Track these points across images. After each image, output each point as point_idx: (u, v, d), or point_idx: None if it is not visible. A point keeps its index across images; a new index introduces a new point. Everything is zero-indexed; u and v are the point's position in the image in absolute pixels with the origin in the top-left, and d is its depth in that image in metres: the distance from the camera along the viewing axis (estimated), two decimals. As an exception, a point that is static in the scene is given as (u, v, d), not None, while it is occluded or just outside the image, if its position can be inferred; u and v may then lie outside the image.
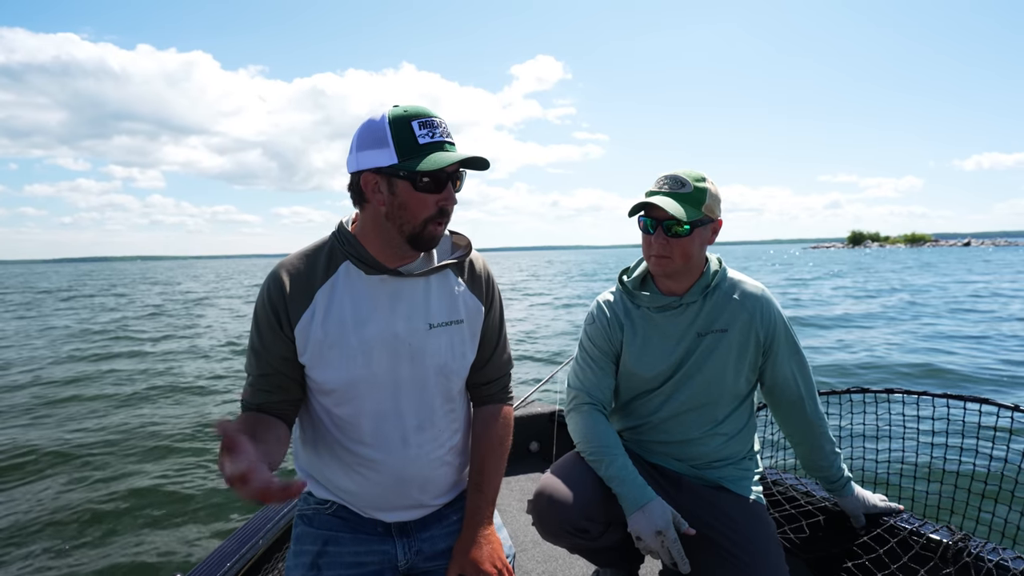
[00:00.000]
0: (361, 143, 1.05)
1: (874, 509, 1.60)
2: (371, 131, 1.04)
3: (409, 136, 1.03)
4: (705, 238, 1.41)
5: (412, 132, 1.03)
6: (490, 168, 1.10)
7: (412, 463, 1.15)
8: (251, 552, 1.57)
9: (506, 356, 1.31)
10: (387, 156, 1.03)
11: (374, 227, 1.10)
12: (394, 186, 1.05)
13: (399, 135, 1.02)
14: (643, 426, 1.52)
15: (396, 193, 1.05)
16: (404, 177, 1.03)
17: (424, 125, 1.03)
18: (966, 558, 1.43)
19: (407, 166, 1.02)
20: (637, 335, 1.48)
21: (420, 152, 1.03)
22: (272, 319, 1.08)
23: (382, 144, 1.03)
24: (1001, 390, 6.37)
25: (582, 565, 1.87)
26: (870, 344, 9.31)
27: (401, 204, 1.05)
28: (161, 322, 15.43)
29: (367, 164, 1.05)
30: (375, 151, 1.04)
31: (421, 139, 1.03)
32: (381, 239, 1.11)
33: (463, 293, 1.20)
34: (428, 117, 1.04)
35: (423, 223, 1.07)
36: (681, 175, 1.37)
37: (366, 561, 1.17)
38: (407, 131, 1.03)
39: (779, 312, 1.46)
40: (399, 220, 1.07)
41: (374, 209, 1.08)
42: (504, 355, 1.30)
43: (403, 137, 1.02)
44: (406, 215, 1.06)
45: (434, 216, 1.07)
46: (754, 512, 1.41)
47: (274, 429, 1.08)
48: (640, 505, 1.32)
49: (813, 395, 1.49)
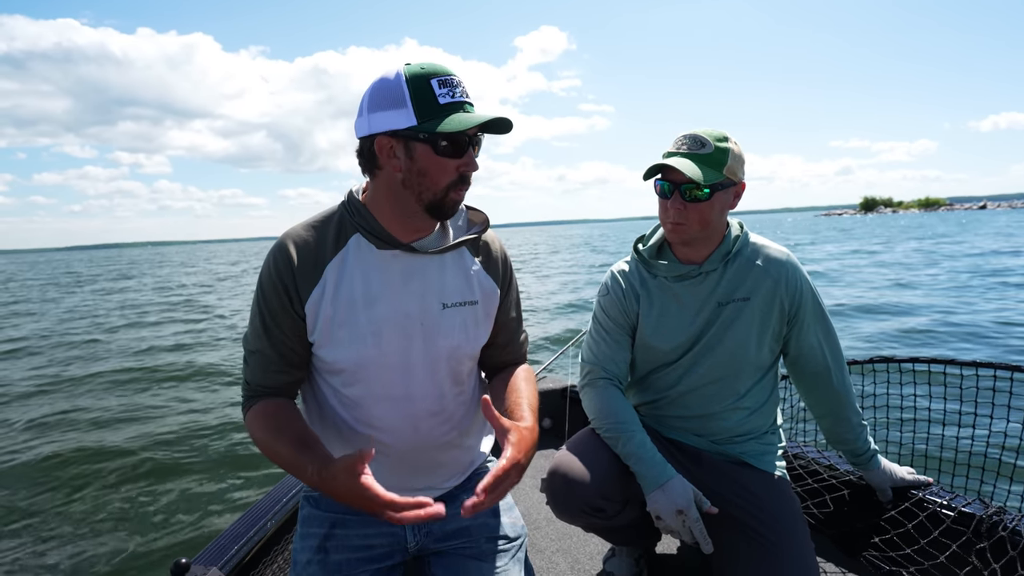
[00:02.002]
0: (374, 104, 0.96)
1: (902, 482, 1.54)
2: (386, 90, 0.95)
3: (429, 95, 0.93)
4: (726, 203, 1.32)
5: (432, 91, 0.94)
6: (512, 131, 1.01)
7: (422, 446, 1.11)
8: (259, 534, 1.54)
9: (524, 336, 1.27)
10: (405, 117, 0.94)
11: (388, 196, 1.02)
12: (412, 150, 0.96)
13: (417, 94, 0.93)
14: (661, 400, 1.46)
15: (415, 158, 0.96)
16: (424, 140, 0.95)
17: (444, 84, 0.94)
18: (1001, 532, 1.37)
19: (427, 128, 0.93)
20: (654, 306, 1.41)
21: (440, 113, 0.94)
22: (282, 295, 1.01)
23: (399, 104, 0.94)
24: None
25: (597, 543, 1.84)
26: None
27: (420, 170, 0.97)
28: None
29: (382, 126, 0.95)
30: (391, 112, 0.94)
31: (441, 99, 0.94)
32: (395, 209, 1.02)
33: (478, 273, 1.13)
34: (448, 75, 0.95)
35: (444, 190, 0.99)
36: (701, 134, 1.28)
37: (375, 544, 1.14)
38: (426, 90, 0.94)
39: (805, 277, 1.38)
40: (418, 187, 0.98)
41: (388, 176, 0.99)
42: (522, 336, 1.26)
43: (422, 96, 0.93)
44: (425, 181, 0.98)
45: (455, 182, 0.99)
46: (779, 488, 1.35)
47: (301, 416, 1.04)
48: (660, 483, 1.26)
49: (840, 365, 1.42)
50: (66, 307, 16.20)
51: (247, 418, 1.05)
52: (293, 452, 0.93)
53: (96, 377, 7.28)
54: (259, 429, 1.01)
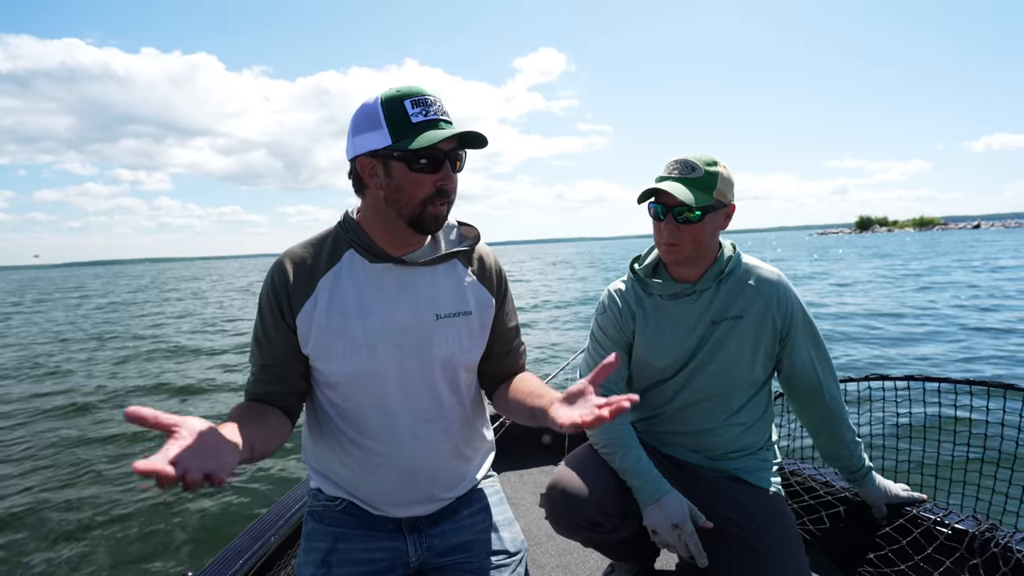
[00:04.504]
0: (356, 128, 1.03)
1: (896, 499, 1.56)
2: (365, 114, 1.02)
3: (402, 115, 0.99)
4: (717, 224, 1.37)
5: (405, 111, 0.99)
6: (487, 145, 1.05)
7: (421, 456, 1.13)
8: (263, 549, 1.56)
9: (522, 347, 1.29)
10: (381, 138, 1.00)
11: (376, 213, 1.08)
12: (390, 168, 1.02)
13: (391, 115, 0.99)
14: (657, 417, 1.49)
15: (392, 175, 1.02)
16: (399, 158, 1.01)
17: (417, 104, 1.00)
18: (993, 548, 1.39)
19: (400, 145, 0.99)
20: (649, 324, 1.44)
21: (413, 131, 0.99)
22: (275, 308, 1.07)
23: (376, 126, 1.00)
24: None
25: (596, 559, 1.85)
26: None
27: (397, 186, 1.03)
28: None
29: (362, 148, 1.02)
30: (369, 134, 1.01)
31: (414, 118, 1.00)
32: (384, 225, 1.08)
33: (472, 284, 1.17)
34: (421, 95, 1.01)
35: (422, 204, 1.03)
36: (691, 159, 1.33)
37: (377, 558, 1.15)
38: (399, 111, 0.99)
39: (796, 297, 1.41)
40: (397, 203, 1.04)
41: (374, 194, 1.06)
42: (521, 346, 1.29)
43: (396, 117, 0.99)
44: (403, 197, 1.03)
45: (432, 196, 1.03)
46: (773, 504, 1.38)
47: (266, 415, 1.05)
48: (656, 498, 1.29)
49: (833, 382, 1.45)
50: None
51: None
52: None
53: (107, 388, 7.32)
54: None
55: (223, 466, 0.71)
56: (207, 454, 0.71)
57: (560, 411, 0.88)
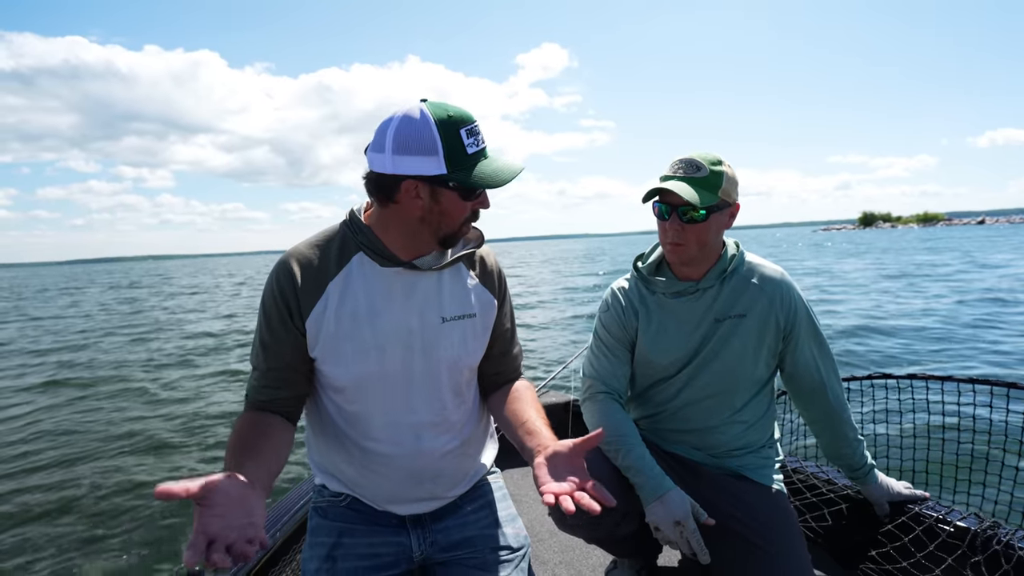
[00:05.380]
0: (402, 146, 0.97)
1: (898, 497, 1.56)
2: (415, 135, 0.97)
3: (458, 145, 0.97)
4: (722, 223, 1.37)
5: (461, 141, 0.98)
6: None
7: (424, 457, 1.14)
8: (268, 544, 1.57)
9: (518, 349, 1.30)
10: (435, 165, 0.97)
11: (399, 225, 1.06)
12: (438, 195, 1.01)
13: (448, 143, 0.97)
14: (660, 414, 1.49)
15: (440, 201, 1.02)
16: (452, 188, 1.00)
17: (471, 133, 0.99)
18: (995, 546, 1.39)
19: (459, 179, 0.98)
20: (652, 322, 1.45)
21: (468, 162, 0.99)
22: (283, 311, 1.05)
23: (430, 152, 0.96)
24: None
25: (599, 555, 1.86)
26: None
27: (442, 211, 1.03)
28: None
29: (411, 170, 0.98)
30: (421, 158, 0.97)
31: (469, 148, 0.99)
32: (404, 236, 1.07)
33: (475, 287, 1.18)
34: (473, 123, 1.00)
35: (459, 225, 1.06)
36: (696, 158, 1.33)
37: (381, 552, 1.16)
38: (456, 139, 0.97)
39: (800, 296, 1.42)
40: (436, 225, 1.04)
41: (405, 210, 1.03)
42: (517, 348, 1.29)
43: (452, 146, 0.97)
44: (444, 220, 1.04)
45: (469, 218, 1.07)
46: (776, 501, 1.38)
47: (280, 435, 1.04)
48: (658, 495, 1.29)
49: (836, 380, 1.45)
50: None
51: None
52: (229, 454, 0.96)
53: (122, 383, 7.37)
54: (232, 436, 1.03)
55: (256, 526, 0.77)
56: (239, 517, 0.76)
57: (542, 474, 0.93)
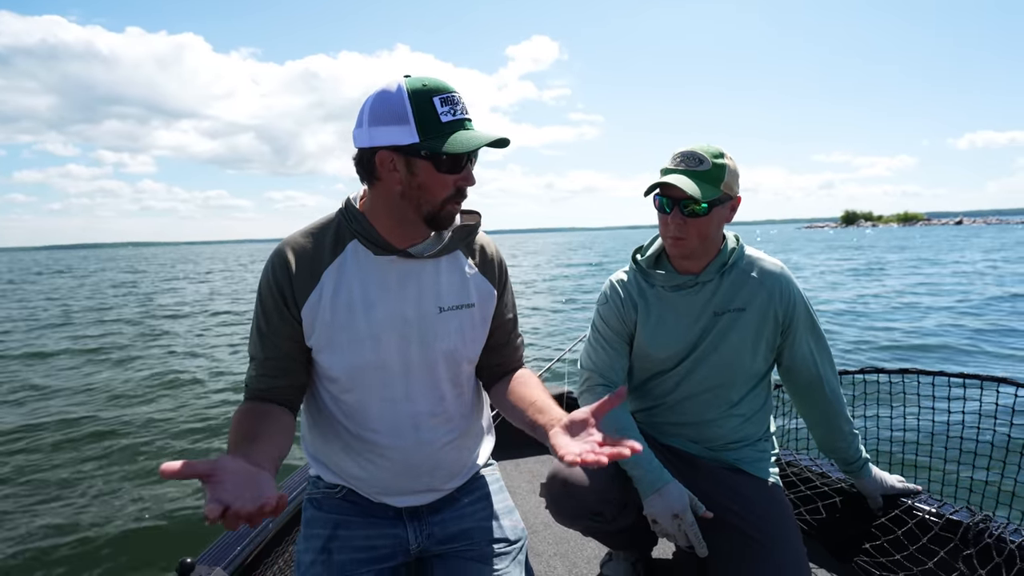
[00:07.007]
0: (375, 117, 0.97)
1: (892, 490, 1.58)
2: (388, 105, 0.96)
3: (431, 113, 0.95)
4: (723, 216, 1.36)
5: (434, 109, 0.96)
6: (508, 146, 1.03)
7: (422, 448, 1.13)
8: (260, 536, 1.56)
9: (520, 339, 1.29)
10: (407, 134, 0.96)
11: (385, 205, 1.04)
12: (413, 166, 0.99)
13: (420, 111, 0.95)
14: (658, 407, 1.49)
15: (415, 173, 0.99)
16: (425, 157, 0.97)
17: (446, 102, 0.97)
18: (987, 539, 1.41)
19: (430, 146, 0.96)
20: (651, 315, 1.44)
21: (442, 131, 0.96)
22: (278, 299, 1.04)
23: (401, 120, 0.95)
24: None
25: (594, 547, 1.86)
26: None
27: (420, 184, 1.00)
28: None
29: (384, 141, 0.97)
30: (393, 127, 0.96)
31: (443, 117, 0.96)
32: (393, 218, 1.05)
33: (474, 276, 1.16)
34: (449, 92, 0.98)
35: (442, 203, 1.02)
36: (698, 151, 1.31)
37: (377, 545, 1.15)
38: (429, 107, 0.96)
39: (799, 290, 1.42)
40: (416, 200, 1.01)
41: (387, 187, 1.02)
42: (519, 338, 1.28)
43: (425, 114, 0.95)
44: (425, 195, 1.01)
45: (452, 196, 1.02)
46: (772, 494, 1.39)
47: (279, 420, 1.03)
48: (656, 488, 1.29)
49: (832, 375, 1.46)
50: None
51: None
52: (231, 444, 0.95)
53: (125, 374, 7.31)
54: (232, 426, 1.02)
55: (268, 496, 0.74)
56: (249, 490, 0.74)
57: (562, 440, 0.89)
